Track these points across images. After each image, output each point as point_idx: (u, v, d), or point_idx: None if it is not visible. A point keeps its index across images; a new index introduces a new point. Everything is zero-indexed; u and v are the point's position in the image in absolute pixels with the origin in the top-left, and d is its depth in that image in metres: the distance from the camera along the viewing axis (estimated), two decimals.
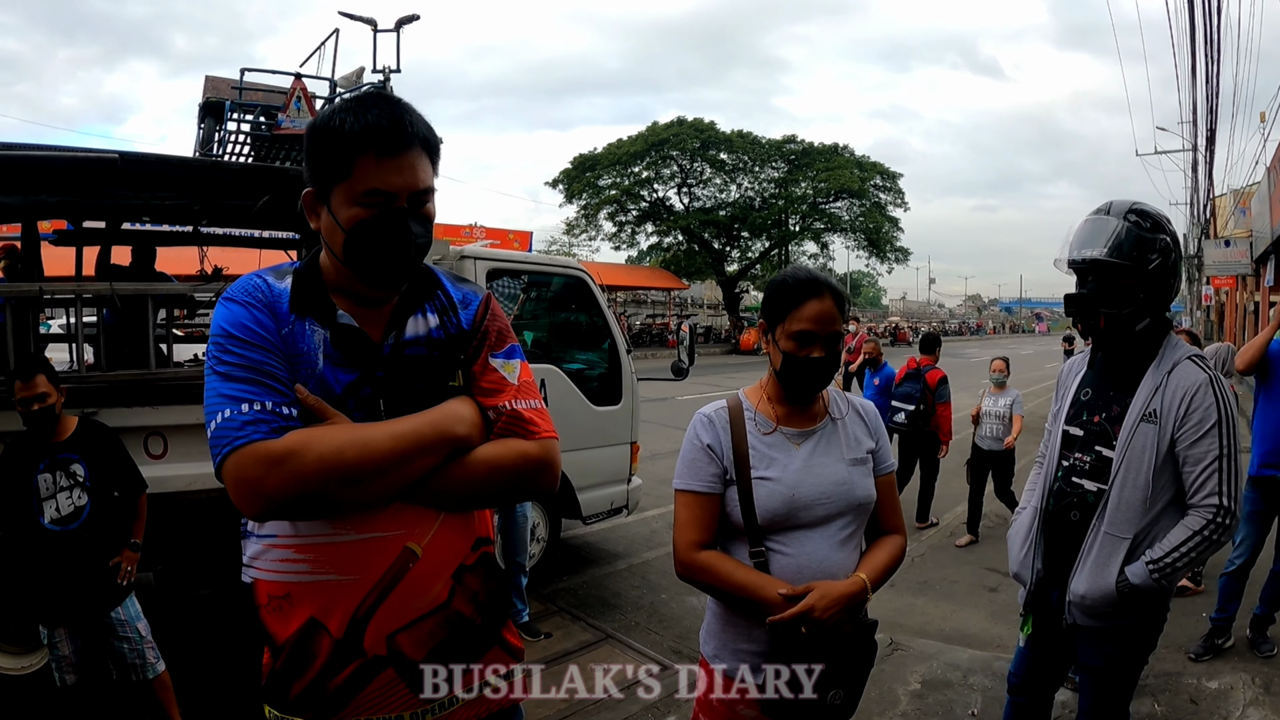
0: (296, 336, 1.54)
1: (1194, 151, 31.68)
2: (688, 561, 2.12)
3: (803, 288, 2.13)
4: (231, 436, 1.41)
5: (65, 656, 3.76)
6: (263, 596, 1.58)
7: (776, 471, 2.12)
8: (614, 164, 44.41)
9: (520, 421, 1.62)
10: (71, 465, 3.70)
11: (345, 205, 1.51)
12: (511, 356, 1.70)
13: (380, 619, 1.54)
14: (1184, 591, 5.87)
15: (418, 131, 1.54)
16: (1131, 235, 2.55)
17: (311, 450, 1.41)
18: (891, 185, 47.13)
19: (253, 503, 1.41)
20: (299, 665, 1.54)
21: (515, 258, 7.15)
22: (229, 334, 1.49)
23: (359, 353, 1.57)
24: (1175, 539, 2.47)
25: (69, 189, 5.45)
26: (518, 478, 1.60)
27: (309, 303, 1.57)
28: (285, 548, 1.55)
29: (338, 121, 1.50)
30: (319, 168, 1.54)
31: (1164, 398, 2.52)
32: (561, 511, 6.42)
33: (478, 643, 1.68)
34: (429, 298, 1.69)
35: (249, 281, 1.58)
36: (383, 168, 1.49)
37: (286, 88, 7.72)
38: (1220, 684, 4.50)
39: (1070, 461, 2.74)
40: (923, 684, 4.56)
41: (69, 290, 5.01)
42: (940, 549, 7.62)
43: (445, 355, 1.66)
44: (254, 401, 1.44)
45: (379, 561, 1.53)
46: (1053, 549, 2.76)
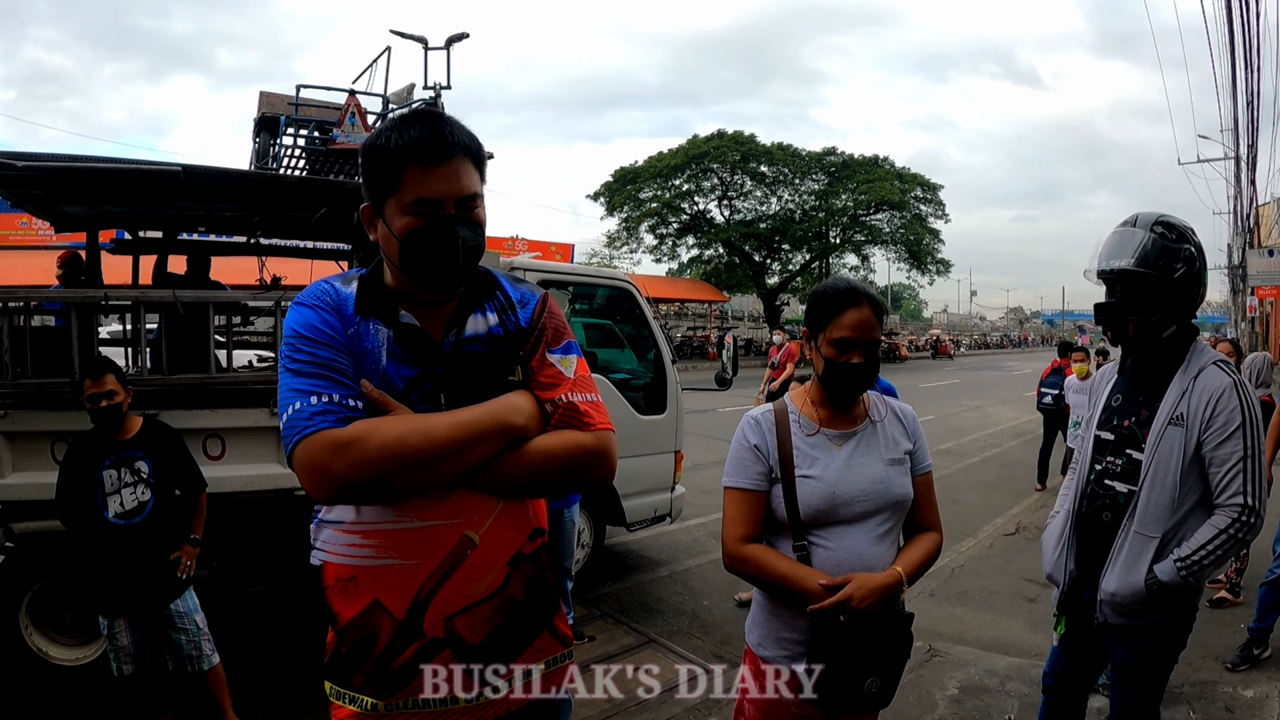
0: (362, 336, 1.64)
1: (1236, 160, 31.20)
2: (735, 554, 2.25)
3: (842, 297, 2.26)
4: (301, 426, 1.50)
5: (124, 647, 3.88)
6: (330, 578, 1.66)
7: (819, 470, 2.24)
8: (655, 177, 44.53)
9: (576, 413, 1.68)
10: (136, 462, 3.83)
11: (397, 216, 1.60)
12: (569, 352, 1.77)
13: (439, 602, 1.62)
14: (1223, 603, 5.84)
15: (459, 141, 1.62)
16: (1157, 246, 2.65)
17: (375, 437, 1.50)
18: (932, 197, 46.88)
19: (320, 486, 1.49)
20: (363, 644, 1.63)
21: (563, 269, 7.27)
22: (299, 334, 1.60)
23: (421, 350, 1.66)
24: (1202, 538, 2.53)
25: (133, 200, 5.63)
26: (573, 467, 1.66)
27: (373, 305, 1.66)
28: (353, 533, 1.63)
29: (384, 140, 1.60)
30: (372, 184, 1.64)
31: (1190, 401, 2.60)
32: (606, 518, 6.50)
33: (530, 628, 1.74)
34: (488, 298, 1.76)
35: (318, 287, 1.69)
36: (427, 177, 1.58)
37: (339, 104, 7.89)
38: (1256, 693, 4.47)
39: (1102, 465, 2.82)
40: (960, 689, 4.57)
41: (130, 296, 5.16)
42: (980, 559, 7.60)
43: (504, 352, 1.73)
44: (322, 394, 1.54)
45: (439, 547, 1.61)
46: (1085, 550, 2.83)
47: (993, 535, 8.42)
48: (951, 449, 14.02)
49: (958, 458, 13.18)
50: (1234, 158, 31.48)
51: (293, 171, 8.18)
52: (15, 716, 4.27)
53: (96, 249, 6.84)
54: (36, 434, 4.40)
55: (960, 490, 10.31)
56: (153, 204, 5.84)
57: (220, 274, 7.61)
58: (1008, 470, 11.56)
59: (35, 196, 5.66)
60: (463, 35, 8.76)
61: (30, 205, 6.01)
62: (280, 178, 6.66)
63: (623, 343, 6.95)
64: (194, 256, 7.27)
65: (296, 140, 8.17)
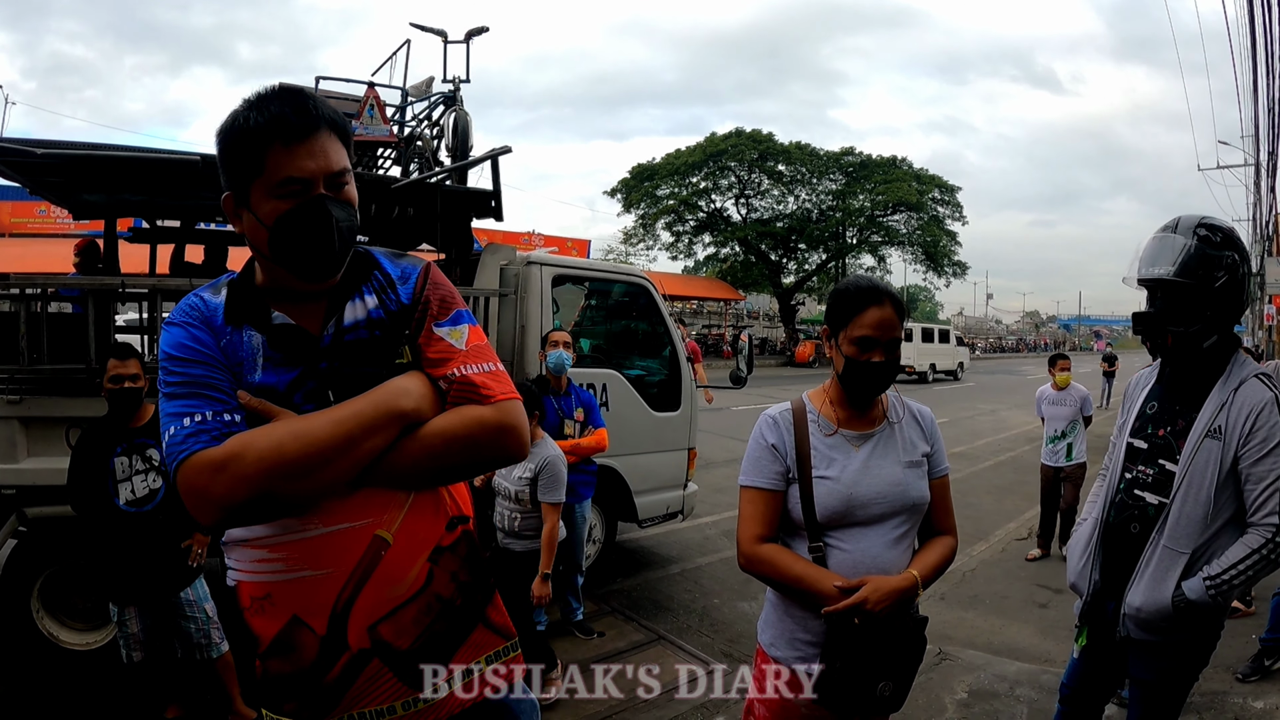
0: (235, 345, 1.54)
1: (1256, 166, 30.92)
2: (750, 553, 2.23)
3: (864, 295, 2.22)
4: (177, 451, 1.43)
5: (134, 634, 3.89)
6: (245, 599, 1.58)
7: (836, 471, 2.22)
8: (672, 174, 44.53)
9: (471, 387, 1.58)
10: (148, 450, 3.83)
11: (264, 201, 1.50)
12: (458, 323, 1.66)
13: (360, 611, 1.53)
14: (1234, 613, 5.77)
15: (323, 114, 1.52)
16: (1199, 253, 2.54)
17: (251, 451, 1.41)
18: (950, 199, 46.69)
19: (204, 511, 1.42)
20: (288, 665, 1.55)
21: (580, 264, 7.26)
22: (169, 355, 1.51)
23: (298, 349, 1.56)
24: (1233, 556, 2.44)
25: (151, 188, 5.64)
26: (477, 446, 1.56)
27: (243, 311, 1.57)
28: (260, 548, 1.54)
29: (242, 120, 1.49)
30: (233, 169, 1.52)
31: (1229, 414, 2.49)
32: (618, 514, 6.49)
33: (461, 625, 1.65)
34: (365, 280, 1.65)
35: (186, 301, 1.59)
36: (293, 154, 1.48)
37: (358, 96, 7.88)
38: (1266, 704, 4.44)
39: (1133, 474, 2.72)
40: (969, 694, 4.55)
41: (147, 285, 5.18)
42: (991, 564, 7.55)
43: (388, 334, 1.62)
44: (195, 414, 1.45)
45: (350, 552, 1.52)
46: (1111, 561, 2.74)
47: (1005, 540, 8.37)
48: (965, 452, 13.98)
49: (971, 461, 13.13)
50: (1254, 164, 31.22)
51: None
52: (26, 700, 4.28)
53: (114, 237, 6.87)
54: (51, 419, 4.42)
55: (973, 494, 10.25)
56: (171, 193, 5.85)
57: (237, 265, 7.63)
58: (1021, 475, 11.48)
59: (54, 184, 5.70)
60: (482, 29, 8.74)
61: (49, 193, 6.05)
62: None
63: (638, 339, 6.94)
64: (211, 246, 7.30)
65: None
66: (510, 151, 5.68)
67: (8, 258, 17.75)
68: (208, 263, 7.26)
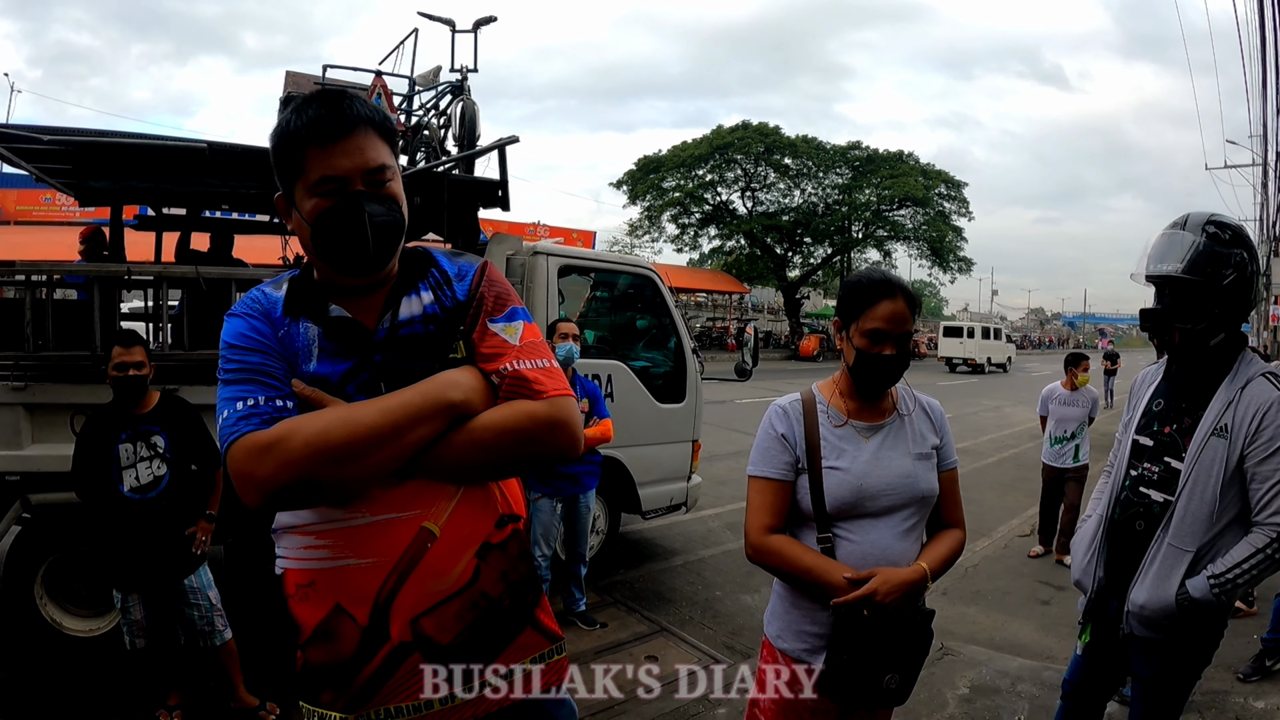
0: (292, 336, 1.58)
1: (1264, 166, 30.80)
2: (759, 544, 2.22)
3: (877, 288, 2.21)
4: (228, 433, 1.45)
5: (137, 621, 3.90)
6: (290, 586, 1.59)
7: (846, 462, 2.21)
8: (678, 166, 44.47)
9: (524, 382, 1.58)
10: (153, 437, 3.84)
11: (306, 199, 1.55)
12: (513, 319, 1.67)
13: (402, 602, 1.53)
14: (1236, 613, 5.76)
15: (359, 113, 1.55)
16: (1207, 250, 2.53)
17: (298, 435, 1.43)
18: (956, 194, 46.59)
19: (249, 492, 1.43)
20: (328, 655, 1.55)
21: (586, 255, 7.24)
22: (228, 344, 1.55)
23: (352, 341, 1.59)
24: (1238, 555, 2.44)
25: (157, 176, 5.63)
26: (528, 440, 1.56)
27: (302, 303, 1.61)
28: (306, 534, 1.56)
29: (285, 124, 1.54)
30: (281, 171, 1.58)
31: (1236, 413, 2.49)
32: (622, 506, 6.48)
33: (508, 625, 1.64)
34: (422, 276, 1.68)
35: (249, 294, 1.64)
36: (329, 153, 1.52)
37: (366, 85, 7.87)
38: (1267, 704, 4.44)
39: (1139, 471, 2.72)
40: (971, 689, 4.54)
41: (153, 272, 5.17)
42: (994, 560, 7.54)
43: (442, 329, 1.64)
44: (248, 398, 1.48)
45: (396, 542, 1.53)
46: (1115, 558, 2.74)
47: (1008, 536, 8.36)
48: (969, 448, 13.96)
49: (975, 457, 13.12)
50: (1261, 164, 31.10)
51: None
52: (29, 686, 4.29)
53: (120, 225, 6.86)
54: (56, 406, 4.42)
55: (977, 490, 10.24)
56: (177, 180, 5.83)
57: (242, 253, 7.63)
58: (1025, 471, 11.45)
59: (60, 171, 5.69)
60: (491, 19, 8.72)
61: (55, 180, 6.05)
62: None
63: (644, 331, 6.93)
64: (217, 234, 7.30)
65: None
66: (518, 141, 5.66)
67: (13, 245, 17.77)
68: (213, 250, 7.26)
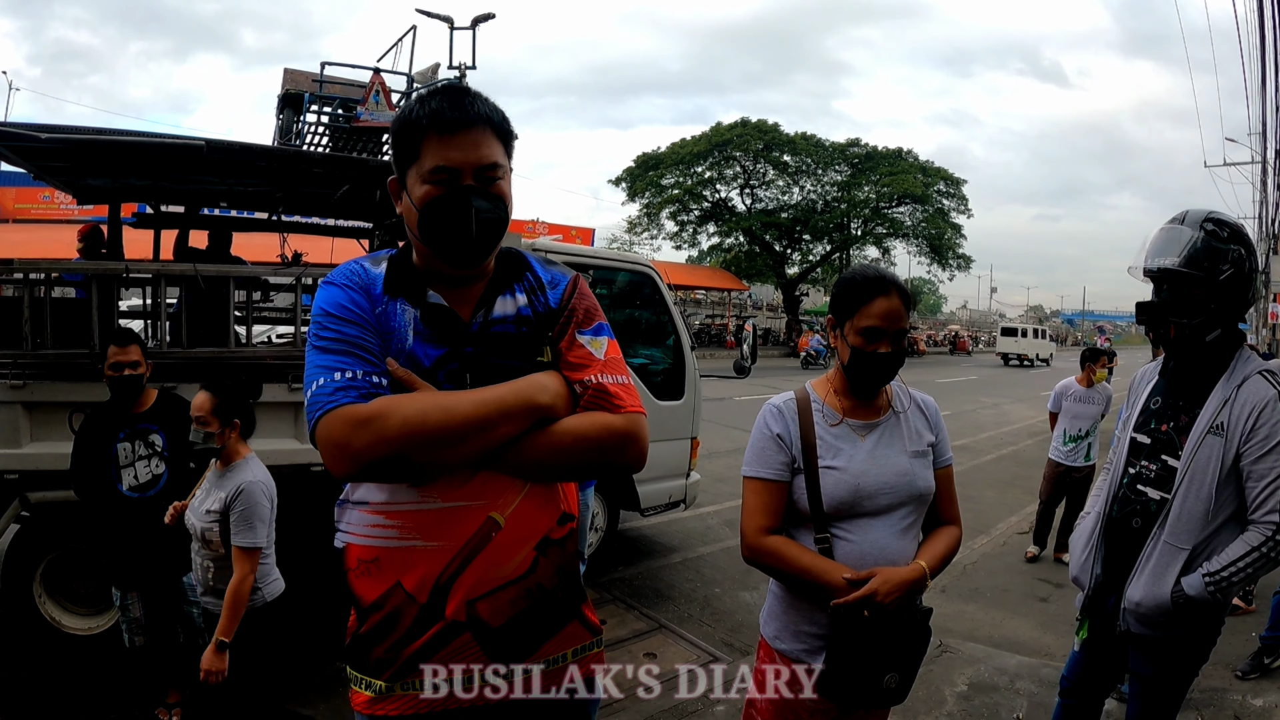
0: (389, 315, 1.63)
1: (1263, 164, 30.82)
2: (755, 545, 2.22)
3: (871, 285, 2.21)
4: (324, 402, 1.50)
5: (136, 619, 3.90)
6: (352, 560, 1.65)
7: (842, 461, 2.20)
8: (677, 163, 44.32)
9: (606, 395, 1.66)
10: (151, 435, 3.84)
11: (417, 185, 1.61)
12: (599, 334, 1.75)
13: (462, 585, 1.60)
14: (1234, 610, 5.77)
15: (479, 111, 1.62)
16: (1205, 245, 2.54)
17: (396, 413, 1.48)
18: (955, 191, 46.52)
19: (340, 462, 1.48)
20: (384, 627, 1.62)
21: (584, 252, 7.24)
22: (326, 313, 1.59)
23: (447, 329, 1.65)
24: (1233, 554, 2.46)
25: (155, 174, 5.64)
26: (602, 449, 1.63)
27: (401, 284, 1.66)
28: (376, 513, 1.62)
29: (408, 112, 1.62)
30: (397, 155, 1.65)
31: (1232, 411, 2.51)
32: (620, 503, 6.49)
33: (558, 616, 1.72)
34: (518, 279, 1.75)
35: (348, 266, 1.68)
36: (445, 145, 1.58)
37: (364, 82, 7.88)
38: (1265, 702, 4.45)
39: (1136, 469, 2.74)
40: (969, 686, 4.55)
41: (151, 270, 5.18)
42: (993, 557, 7.55)
43: (533, 333, 1.71)
44: (346, 370, 1.53)
45: (463, 529, 1.59)
46: (1113, 555, 2.77)
47: (1006, 533, 8.37)
48: (968, 445, 13.99)
49: (974, 454, 13.14)
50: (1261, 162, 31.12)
51: (316, 148, 8.19)
52: (29, 684, 4.29)
53: (118, 222, 6.87)
54: (55, 404, 4.41)
55: (975, 487, 10.25)
56: (175, 178, 5.85)
57: (241, 250, 7.63)
58: (1023, 468, 11.48)
59: (58, 169, 5.68)
60: (489, 16, 8.75)
61: (53, 178, 6.04)
62: (303, 154, 6.64)
63: (642, 327, 6.92)
64: (215, 232, 7.30)
65: (320, 117, 8.19)
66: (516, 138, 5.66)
67: (11, 243, 17.76)
68: (212, 248, 7.26)
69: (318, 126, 8.17)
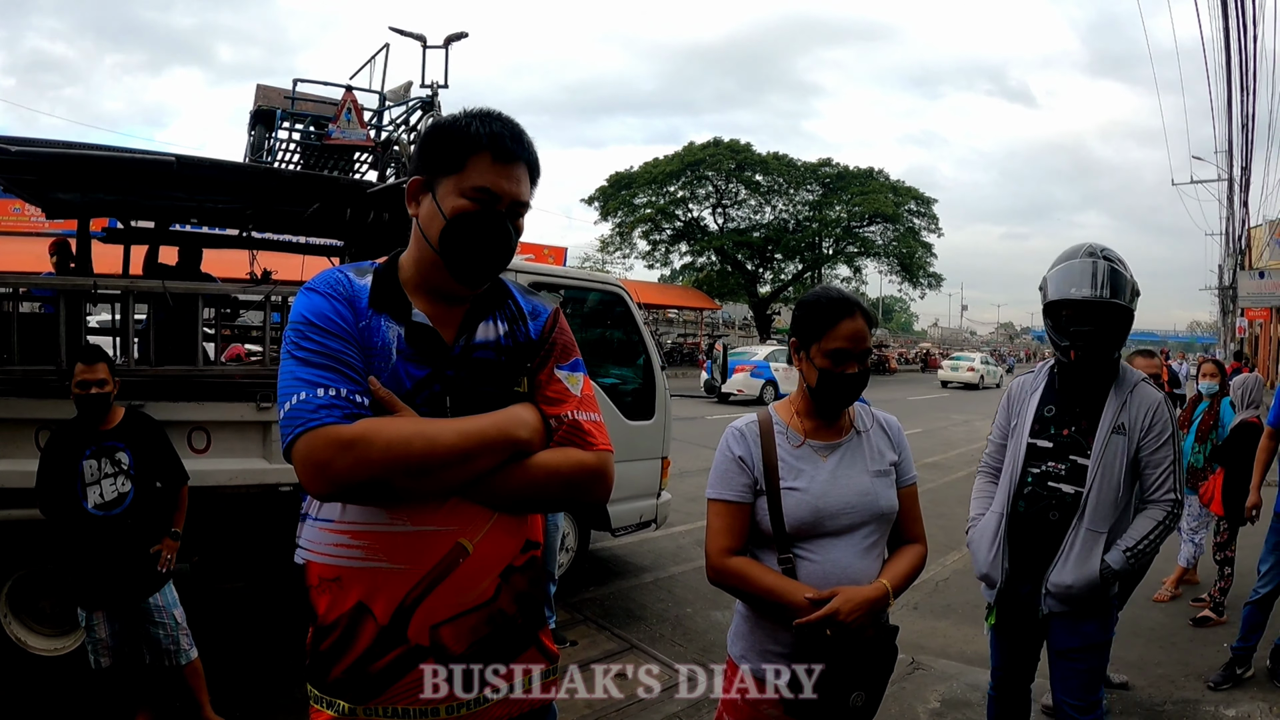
0: (372, 331, 1.61)
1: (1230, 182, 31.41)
2: (719, 566, 2.23)
3: (836, 307, 2.22)
4: (305, 418, 1.47)
5: (102, 639, 3.85)
6: (314, 578, 1.62)
7: (804, 482, 2.22)
8: (650, 183, 44.51)
9: (579, 432, 1.69)
10: (117, 453, 3.80)
11: (451, 196, 1.61)
12: (576, 370, 1.78)
13: (426, 609, 1.58)
14: (1206, 622, 5.89)
15: (529, 151, 1.67)
16: (1126, 279, 2.97)
17: (380, 438, 1.47)
18: (926, 210, 47.00)
19: (319, 483, 1.47)
20: (342, 647, 1.58)
21: (555, 272, 7.26)
22: (310, 322, 1.56)
23: (430, 351, 1.64)
24: (1143, 529, 2.92)
25: (125, 188, 5.60)
26: (572, 485, 1.67)
27: (387, 300, 1.65)
28: (341, 533, 1.59)
29: (464, 123, 1.63)
30: (433, 159, 1.64)
31: (1130, 413, 2.96)
32: (591, 523, 6.47)
33: (516, 642, 1.71)
34: (500, 306, 1.76)
35: (331, 275, 1.66)
36: (495, 170, 1.61)
37: (336, 99, 7.88)
38: (1238, 712, 4.52)
39: (1041, 469, 3.08)
40: (942, 703, 4.58)
41: (120, 286, 5.14)
42: (964, 573, 7.55)
43: (512, 362, 1.72)
44: (329, 387, 1.51)
45: (430, 554, 1.58)
46: (1023, 548, 3.09)
47: None
48: (939, 462, 14.05)
49: (945, 471, 13.19)
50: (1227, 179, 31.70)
51: (288, 165, 8.17)
52: None
53: (87, 237, 6.81)
54: (20, 421, 4.35)
55: (946, 504, 10.29)
56: (145, 194, 5.81)
57: (211, 266, 7.59)
58: None
59: (27, 182, 5.63)
60: (462, 35, 8.76)
61: (22, 191, 5.98)
62: (274, 171, 6.64)
63: (612, 347, 6.94)
64: (186, 248, 7.26)
65: (292, 134, 8.17)
66: None
67: None
68: (182, 264, 7.22)
69: (290, 143, 8.16)
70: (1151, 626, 5.92)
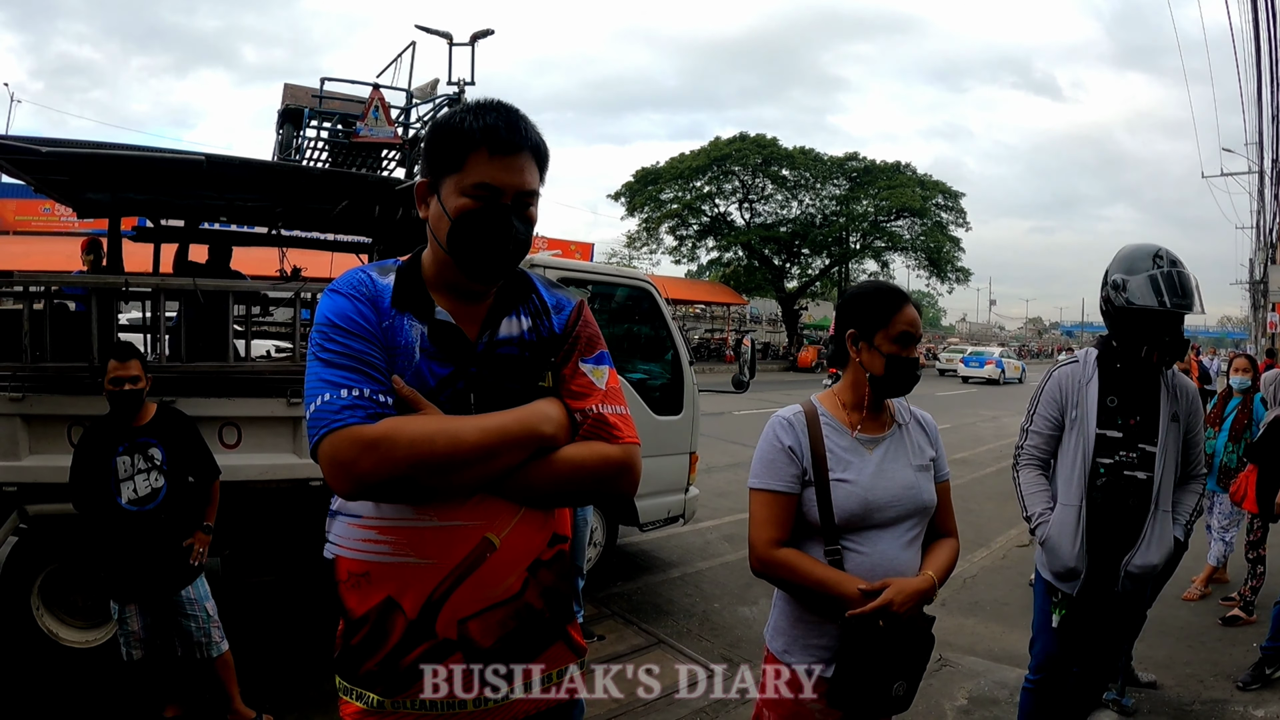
0: (396, 330, 1.61)
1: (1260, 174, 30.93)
2: (767, 558, 2.23)
3: (896, 295, 2.32)
4: (330, 419, 1.49)
5: (134, 632, 3.90)
6: (343, 573, 1.63)
7: (853, 474, 2.23)
8: (676, 178, 44.42)
9: (605, 425, 1.68)
10: (150, 449, 3.84)
11: (454, 195, 1.59)
12: (601, 363, 1.76)
13: (454, 604, 1.59)
14: (1236, 621, 5.82)
15: (530, 138, 1.63)
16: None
17: (404, 437, 1.48)
18: (953, 205, 46.60)
19: (345, 483, 1.48)
20: (372, 641, 1.60)
21: (583, 267, 7.25)
22: (333, 323, 1.58)
23: (454, 348, 1.64)
24: (1190, 503, 3.27)
25: (155, 188, 5.65)
26: (599, 479, 1.66)
27: (409, 299, 1.65)
28: (369, 528, 1.60)
29: (458, 120, 1.61)
30: (434, 160, 1.64)
31: (1179, 403, 3.22)
32: (619, 518, 6.48)
33: (543, 636, 1.71)
34: (524, 301, 1.75)
35: (354, 275, 1.66)
36: (493, 164, 1.58)
37: (363, 97, 7.90)
38: (1267, 712, 4.47)
39: (1116, 458, 3.19)
40: (969, 700, 4.55)
41: (151, 284, 5.18)
42: (992, 570, 7.53)
43: (536, 357, 1.71)
44: (353, 388, 1.51)
45: (458, 549, 1.58)
46: (1100, 536, 3.19)
47: (1006, 546, 8.35)
48: (967, 458, 13.97)
49: (973, 467, 13.12)
50: (1258, 172, 31.23)
51: (316, 163, 8.21)
52: (26, 698, 4.28)
53: (118, 236, 6.89)
54: (54, 417, 4.42)
55: (974, 500, 10.25)
56: (175, 193, 5.87)
57: (241, 264, 7.65)
58: None
59: (58, 182, 5.70)
60: (487, 32, 8.79)
61: (53, 191, 6.06)
62: (303, 169, 6.67)
63: (641, 342, 6.93)
64: (215, 246, 7.31)
65: (320, 133, 8.21)
66: None
67: (12, 255, 17.82)
68: (211, 262, 7.27)
69: (317, 142, 8.20)
70: (1180, 625, 5.85)
